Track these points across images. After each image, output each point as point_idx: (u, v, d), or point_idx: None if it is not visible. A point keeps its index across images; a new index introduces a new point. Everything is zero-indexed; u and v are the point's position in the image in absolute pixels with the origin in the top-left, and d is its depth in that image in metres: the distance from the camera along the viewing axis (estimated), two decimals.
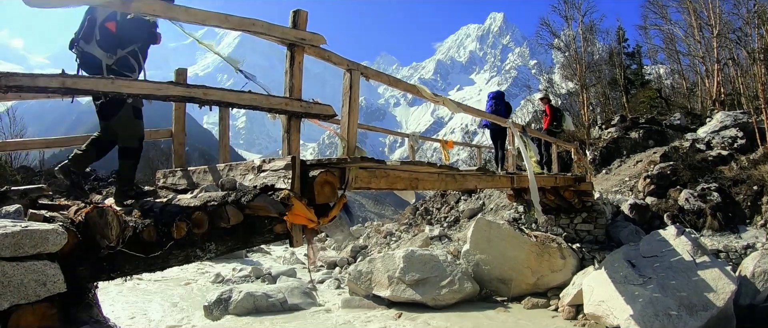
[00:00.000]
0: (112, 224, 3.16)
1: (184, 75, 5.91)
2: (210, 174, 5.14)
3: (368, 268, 13.09)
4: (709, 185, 14.37)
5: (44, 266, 2.85)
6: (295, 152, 4.24)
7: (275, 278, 16.75)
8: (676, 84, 36.65)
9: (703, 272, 9.44)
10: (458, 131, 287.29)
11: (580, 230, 13.85)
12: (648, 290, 9.40)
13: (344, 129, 4.93)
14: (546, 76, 41.34)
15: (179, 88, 3.75)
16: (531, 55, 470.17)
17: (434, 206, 24.33)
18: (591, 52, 33.64)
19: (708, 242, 12.04)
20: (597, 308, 10.01)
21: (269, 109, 4.27)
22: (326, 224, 4.37)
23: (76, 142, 5.84)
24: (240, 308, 11.56)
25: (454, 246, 15.86)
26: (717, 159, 16.18)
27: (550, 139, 13.48)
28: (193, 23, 4.01)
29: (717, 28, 26.13)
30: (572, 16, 32.32)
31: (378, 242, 21.51)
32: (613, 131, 23.99)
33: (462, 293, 12.07)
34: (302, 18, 4.37)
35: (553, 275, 12.34)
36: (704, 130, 19.89)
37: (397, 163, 5.47)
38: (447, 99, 7.22)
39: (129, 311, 11.93)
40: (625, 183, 17.59)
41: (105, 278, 3.37)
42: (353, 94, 4.93)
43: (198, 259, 3.78)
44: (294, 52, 4.32)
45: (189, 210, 3.60)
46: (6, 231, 2.74)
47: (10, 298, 2.71)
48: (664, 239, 10.89)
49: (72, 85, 3.32)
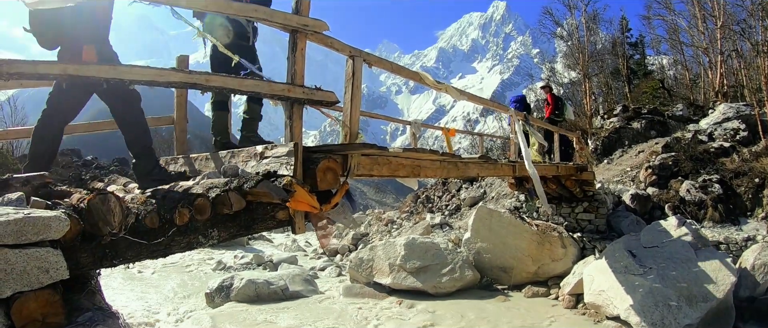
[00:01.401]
0: (115, 211, 3.15)
1: (185, 62, 5.89)
2: (212, 161, 5.13)
3: (369, 255, 13.12)
4: (710, 177, 14.36)
5: (47, 253, 2.84)
6: (297, 139, 4.22)
7: (276, 266, 16.80)
8: (679, 75, 36.53)
9: (704, 264, 9.45)
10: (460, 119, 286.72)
11: (581, 220, 13.84)
12: (648, 280, 9.41)
13: (347, 116, 4.91)
14: (548, 65, 41.27)
15: (181, 74, 3.73)
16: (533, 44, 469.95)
17: (436, 194, 24.33)
18: (594, 41, 33.54)
19: (708, 234, 12.03)
20: (597, 298, 10.03)
21: (271, 95, 4.25)
22: (329, 211, 4.36)
23: (77, 131, 5.83)
24: (241, 295, 11.59)
25: (455, 234, 15.88)
26: (719, 151, 16.15)
27: (551, 128, 13.46)
28: (195, 9, 3.99)
29: (721, 19, 25.99)
30: (575, 5, 32.31)
31: (379, 229, 21.53)
32: (616, 121, 23.96)
33: (463, 281, 12.10)
34: (305, 4, 4.34)
35: (553, 264, 12.37)
36: (707, 122, 19.84)
37: (400, 150, 5.46)
38: (450, 86, 7.20)
39: (131, 298, 11.98)
40: (627, 173, 17.57)
41: (107, 265, 3.37)
42: (356, 80, 4.91)
43: (200, 245, 3.77)
44: (296, 39, 4.29)
45: (191, 196, 3.60)
46: (8, 218, 2.74)
47: (12, 285, 2.71)
48: (665, 230, 10.90)
49: (73, 72, 3.31)
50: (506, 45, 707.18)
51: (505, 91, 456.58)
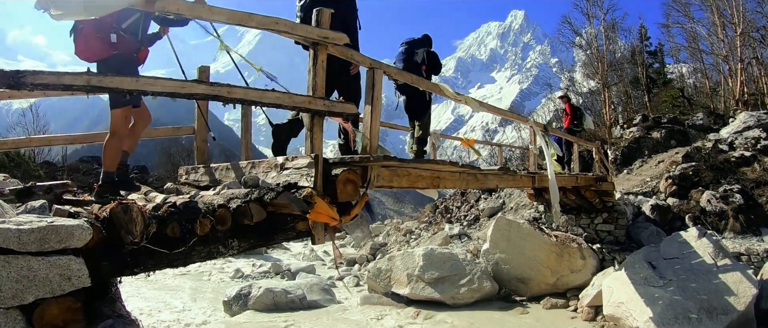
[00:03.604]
0: (137, 220, 3.18)
1: (206, 73, 5.94)
2: (232, 171, 5.16)
3: (387, 266, 13.09)
4: (731, 187, 14.18)
5: (69, 260, 2.89)
6: (318, 151, 4.24)
7: (294, 275, 16.82)
8: (699, 83, 36.32)
9: (724, 275, 9.32)
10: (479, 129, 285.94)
11: (600, 231, 13.73)
12: (668, 292, 9.30)
13: (367, 127, 4.92)
14: (567, 74, 41.16)
15: (203, 86, 3.76)
16: (552, 53, 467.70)
17: (454, 204, 24.26)
18: (613, 50, 33.37)
19: (729, 245, 11.87)
20: (616, 310, 9.93)
21: (292, 107, 4.28)
22: (348, 223, 4.37)
23: (99, 139, 5.90)
24: (259, 303, 11.61)
25: (473, 245, 15.82)
26: (740, 160, 15.96)
27: (571, 138, 13.39)
28: (217, 22, 4.02)
29: (740, 26, 25.80)
30: (594, 13, 32.18)
31: (397, 239, 21.50)
32: (635, 131, 23.81)
33: (481, 292, 12.04)
34: (325, 17, 4.36)
35: (572, 275, 12.26)
36: (727, 131, 19.66)
37: (419, 162, 5.46)
38: (469, 98, 7.20)
39: (149, 305, 12.03)
40: (647, 183, 17.43)
41: (128, 273, 3.41)
42: (376, 92, 4.92)
43: (221, 255, 3.80)
44: (317, 51, 4.32)
45: (213, 207, 3.62)
46: (32, 226, 2.78)
47: (35, 292, 2.75)
48: (686, 241, 10.77)
49: (97, 83, 3.34)
50: (525, 54, 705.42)
51: (523, 100, 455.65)
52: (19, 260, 2.73)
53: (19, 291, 2.72)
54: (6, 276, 2.68)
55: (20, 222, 2.81)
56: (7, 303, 2.69)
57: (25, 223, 2.80)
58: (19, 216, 3.03)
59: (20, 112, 29.71)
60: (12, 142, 8.43)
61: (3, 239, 2.69)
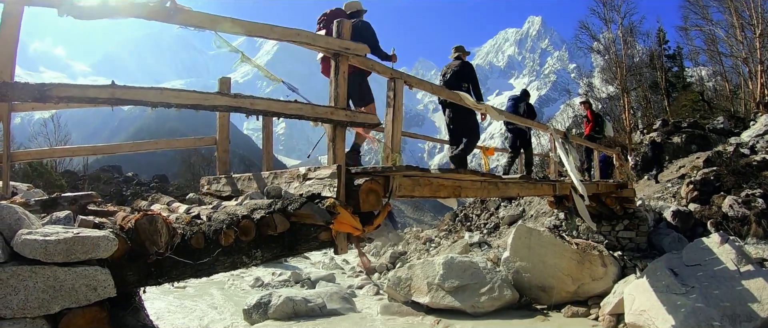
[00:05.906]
0: (161, 231, 3.21)
1: (228, 84, 5.97)
2: (254, 181, 5.18)
3: (407, 274, 13.08)
4: (753, 191, 14.01)
5: (95, 271, 2.91)
6: (340, 161, 4.26)
7: (314, 283, 16.85)
8: (719, 86, 36.02)
9: (748, 282, 9.21)
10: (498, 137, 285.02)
11: (621, 238, 13.63)
12: (690, 299, 9.20)
13: (388, 137, 4.93)
14: (586, 80, 40.95)
15: (226, 98, 3.78)
16: (570, 59, 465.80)
17: (474, 212, 24.22)
18: (631, 54, 33.13)
19: (752, 251, 11.72)
20: (638, 318, 9.83)
21: (315, 118, 4.29)
22: (371, 232, 4.38)
23: (121, 150, 5.96)
24: (279, 312, 11.65)
25: (493, 253, 15.77)
26: (761, 164, 15.76)
27: (591, 145, 13.33)
28: (239, 34, 4.05)
29: (759, 27, 25.55)
30: (611, 18, 31.93)
31: (417, 248, 21.50)
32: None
33: (501, 301, 11.98)
34: (346, 28, 4.38)
35: (593, 283, 12.17)
36: (748, 134, 19.48)
37: (440, 171, 5.46)
38: (489, 106, 7.21)
39: (170, 313, 12.10)
40: (668, 189, 17.29)
41: (152, 283, 3.43)
42: (397, 102, 4.94)
43: (244, 265, 3.82)
44: (338, 62, 4.35)
45: (236, 218, 3.64)
46: (59, 237, 2.81)
47: (61, 302, 2.78)
48: (708, 247, 10.65)
49: (121, 95, 3.37)
50: (543, 60, 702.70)
51: (542, 107, 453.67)
52: (46, 270, 2.75)
53: (46, 301, 2.74)
54: (33, 286, 2.71)
55: (46, 233, 2.84)
56: (34, 313, 2.72)
57: (51, 234, 2.83)
58: (46, 227, 3.05)
59: (41, 122, 30.21)
60: (36, 153, 8.50)
61: (30, 251, 2.73)
